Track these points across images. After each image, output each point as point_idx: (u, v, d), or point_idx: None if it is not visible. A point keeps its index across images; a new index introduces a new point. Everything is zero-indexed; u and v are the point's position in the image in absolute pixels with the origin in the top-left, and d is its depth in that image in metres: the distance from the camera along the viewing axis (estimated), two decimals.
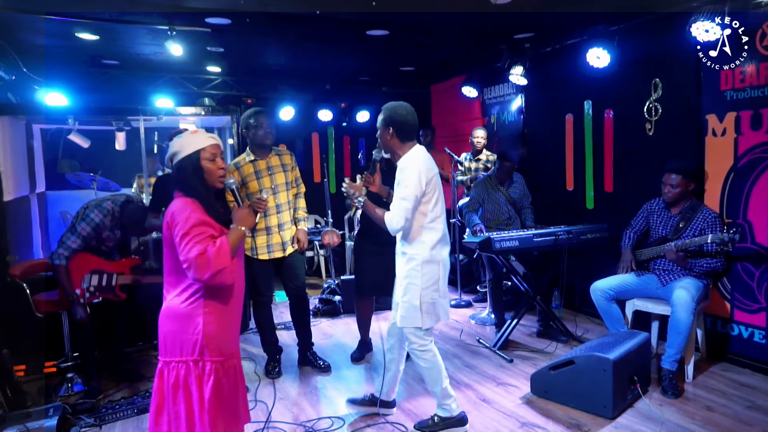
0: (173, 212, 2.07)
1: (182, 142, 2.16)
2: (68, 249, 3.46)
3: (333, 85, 7.08)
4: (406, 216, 2.75)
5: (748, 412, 3.14)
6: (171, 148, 2.18)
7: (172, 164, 2.20)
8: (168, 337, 2.12)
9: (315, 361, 4.02)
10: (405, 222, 2.76)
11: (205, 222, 2.07)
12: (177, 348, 2.10)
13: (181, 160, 2.14)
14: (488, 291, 4.82)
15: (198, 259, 1.98)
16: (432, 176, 2.82)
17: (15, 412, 3.10)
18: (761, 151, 3.55)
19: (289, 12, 3.92)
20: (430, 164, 2.85)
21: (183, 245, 2.00)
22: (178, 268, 2.08)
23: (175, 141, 2.17)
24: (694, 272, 3.60)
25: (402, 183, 2.78)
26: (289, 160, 3.84)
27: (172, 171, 2.20)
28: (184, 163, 2.14)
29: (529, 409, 3.31)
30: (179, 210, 2.06)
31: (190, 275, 2.02)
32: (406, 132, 2.88)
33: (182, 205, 2.08)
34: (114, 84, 5.94)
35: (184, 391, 2.09)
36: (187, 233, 2.01)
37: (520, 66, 5.17)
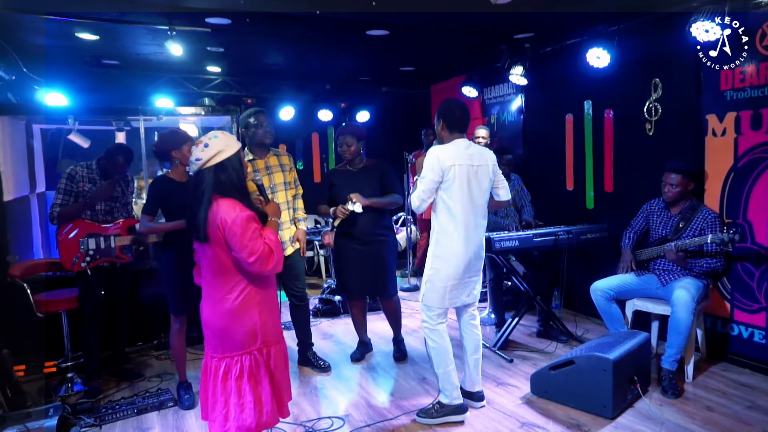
0: (224, 215, 2.13)
1: (224, 141, 2.21)
2: (56, 206, 3.59)
3: (333, 85, 7.08)
4: (421, 196, 3.00)
5: (748, 412, 3.14)
6: (212, 148, 2.18)
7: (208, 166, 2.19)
8: (225, 333, 2.22)
9: (315, 361, 4.02)
10: (421, 202, 3.01)
11: (255, 218, 2.20)
12: (237, 342, 2.22)
13: (226, 160, 2.20)
14: (488, 291, 4.82)
15: (264, 252, 2.14)
16: (450, 165, 2.96)
17: (15, 412, 3.10)
18: (761, 151, 3.55)
19: (289, 12, 3.92)
20: (456, 155, 2.99)
21: (246, 242, 2.11)
22: (226, 267, 2.19)
23: (215, 141, 2.20)
24: (694, 272, 3.60)
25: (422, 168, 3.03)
26: (287, 160, 3.85)
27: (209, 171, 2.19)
28: (229, 162, 2.21)
29: (529, 409, 3.31)
30: (230, 210, 2.14)
31: (255, 268, 2.14)
32: (451, 123, 3.10)
33: (230, 206, 2.16)
34: (114, 84, 5.94)
35: (250, 380, 2.22)
36: (245, 231, 2.12)
37: (520, 66, 5.17)
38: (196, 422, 3.27)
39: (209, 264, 2.23)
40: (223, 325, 2.22)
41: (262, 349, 2.27)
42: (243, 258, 2.13)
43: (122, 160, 3.76)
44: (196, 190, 2.21)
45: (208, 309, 2.26)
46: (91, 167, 3.74)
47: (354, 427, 3.16)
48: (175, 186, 3.33)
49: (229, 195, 2.20)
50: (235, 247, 2.13)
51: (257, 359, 2.25)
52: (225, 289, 2.22)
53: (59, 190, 3.62)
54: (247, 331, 2.23)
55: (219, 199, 2.17)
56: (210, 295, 2.27)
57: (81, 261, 3.59)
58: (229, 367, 2.23)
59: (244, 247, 2.12)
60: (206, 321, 2.27)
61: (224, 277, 2.22)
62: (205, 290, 2.30)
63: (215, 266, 2.22)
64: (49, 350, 3.98)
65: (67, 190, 3.63)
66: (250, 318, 2.23)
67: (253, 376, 2.24)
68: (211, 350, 2.29)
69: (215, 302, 2.24)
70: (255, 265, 2.14)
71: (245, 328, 2.23)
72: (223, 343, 2.24)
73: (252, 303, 2.24)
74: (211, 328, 2.25)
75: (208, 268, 2.25)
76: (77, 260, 3.59)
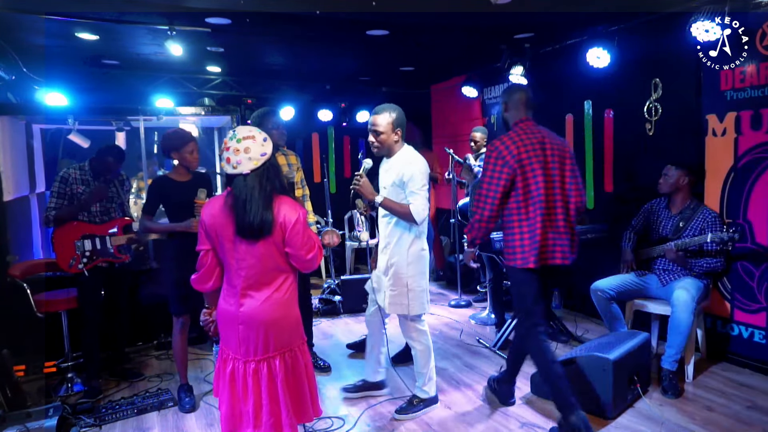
0: (288, 214, 2.16)
1: (270, 143, 2.20)
2: (50, 210, 3.60)
3: (333, 85, 7.07)
4: (427, 205, 3.02)
5: (748, 412, 3.14)
6: (269, 142, 2.18)
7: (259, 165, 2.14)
8: (277, 326, 2.21)
9: (315, 361, 4.02)
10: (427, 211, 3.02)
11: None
12: (286, 336, 2.24)
13: (272, 159, 2.20)
14: (488, 291, 4.82)
15: (319, 252, 2.24)
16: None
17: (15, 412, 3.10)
18: (761, 151, 3.55)
19: (289, 12, 3.92)
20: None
21: (306, 240, 2.19)
22: (279, 264, 2.21)
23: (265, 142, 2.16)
24: (694, 272, 3.60)
25: (413, 177, 2.98)
26: (295, 160, 3.86)
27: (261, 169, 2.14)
28: (275, 163, 2.23)
29: (529, 409, 3.31)
30: (292, 210, 2.18)
31: (311, 265, 2.23)
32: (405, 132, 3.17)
33: (292, 205, 2.20)
34: (114, 84, 5.93)
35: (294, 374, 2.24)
36: (306, 229, 2.20)
37: (520, 66, 5.17)
38: (196, 422, 3.27)
39: (257, 262, 2.18)
40: (277, 316, 2.21)
41: (301, 345, 2.31)
42: (302, 255, 2.19)
43: (112, 161, 3.76)
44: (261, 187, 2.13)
45: (255, 308, 2.19)
46: (84, 168, 3.75)
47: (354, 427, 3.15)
48: (174, 186, 3.33)
49: (286, 193, 2.25)
50: (297, 245, 2.17)
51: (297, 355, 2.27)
52: (275, 285, 2.22)
53: (52, 194, 3.63)
54: (293, 324, 2.27)
55: (281, 198, 2.20)
56: (256, 295, 2.20)
57: (78, 262, 3.59)
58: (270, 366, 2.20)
59: (304, 245, 2.18)
60: (250, 320, 2.18)
61: (273, 273, 2.22)
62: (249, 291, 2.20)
63: (267, 264, 2.19)
64: (49, 350, 3.98)
65: (60, 193, 3.63)
66: (295, 311, 2.29)
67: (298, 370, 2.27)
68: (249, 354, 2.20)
69: (264, 299, 2.19)
70: (312, 262, 2.23)
71: (292, 321, 2.27)
72: (267, 342, 2.19)
73: (294, 298, 2.30)
74: (258, 325, 2.18)
75: (254, 267, 2.18)
76: (74, 262, 3.59)
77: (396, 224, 3.05)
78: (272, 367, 2.20)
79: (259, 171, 2.13)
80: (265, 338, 2.19)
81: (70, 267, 3.60)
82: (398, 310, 3.11)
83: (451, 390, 3.60)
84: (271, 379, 2.20)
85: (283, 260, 2.21)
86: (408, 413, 3.21)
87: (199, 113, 5.45)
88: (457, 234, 5.56)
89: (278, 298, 2.21)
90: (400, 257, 3.06)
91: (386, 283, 3.12)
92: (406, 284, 3.07)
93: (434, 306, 5.59)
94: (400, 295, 3.09)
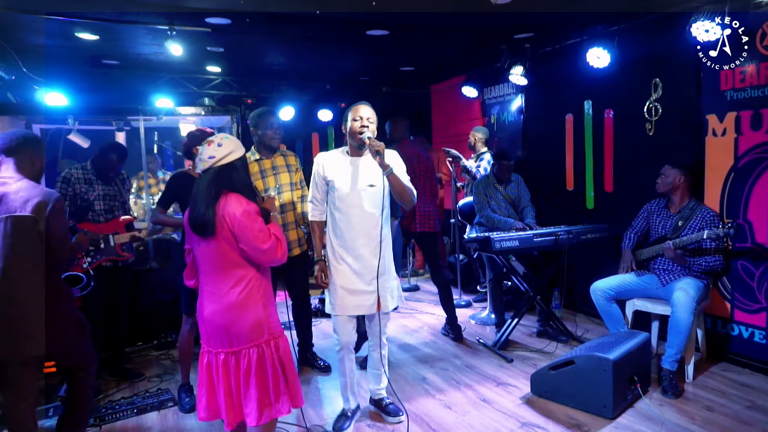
0: (231, 209, 2.23)
1: (235, 143, 2.34)
2: None
3: (333, 85, 7.08)
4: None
5: (748, 412, 3.14)
6: (225, 147, 2.30)
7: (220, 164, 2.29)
8: (231, 328, 2.27)
9: (315, 361, 4.03)
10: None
11: (260, 212, 2.32)
12: (245, 336, 2.28)
13: (237, 160, 2.32)
14: (488, 291, 4.82)
15: (276, 243, 2.28)
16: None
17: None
18: (761, 151, 3.55)
19: (289, 12, 3.92)
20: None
21: (258, 234, 2.23)
22: (231, 261, 2.27)
23: (227, 142, 2.32)
24: (694, 272, 3.60)
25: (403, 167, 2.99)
26: (294, 161, 3.85)
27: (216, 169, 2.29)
28: (240, 162, 2.34)
29: (529, 409, 3.31)
30: (236, 204, 2.25)
31: (267, 257, 2.27)
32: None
33: (237, 200, 2.27)
34: (114, 84, 5.94)
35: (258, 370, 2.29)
36: (254, 222, 2.24)
37: (520, 66, 5.16)
38: (196, 422, 3.26)
39: (212, 260, 2.29)
40: (228, 319, 2.26)
41: (270, 341, 2.33)
42: (256, 247, 2.23)
43: (115, 158, 3.77)
44: (207, 186, 2.27)
45: (211, 305, 2.30)
46: (86, 168, 3.75)
47: (354, 427, 3.16)
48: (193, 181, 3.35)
49: (242, 191, 2.31)
50: (246, 238, 2.22)
51: (264, 352, 2.30)
52: (229, 283, 2.28)
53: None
54: (252, 324, 2.28)
55: (230, 196, 2.27)
56: (212, 292, 2.31)
57: (83, 262, 3.59)
58: (227, 361, 2.29)
59: (255, 237, 2.22)
60: (209, 318, 2.30)
61: (228, 271, 2.28)
62: (207, 288, 2.33)
63: (219, 262, 2.27)
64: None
65: (64, 194, 3.62)
66: (255, 311, 2.29)
67: (261, 368, 2.29)
68: (217, 346, 2.32)
69: (219, 298, 2.28)
70: (267, 254, 2.26)
71: (251, 321, 2.28)
72: (230, 339, 2.29)
73: (256, 296, 2.31)
74: (216, 324, 2.28)
75: (210, 264, 2.30)
76: (78, 261, 3.59)
77: (385, 221, 2.94)
78: (239, 359, 2.29)
79: (211, 171, 2.28)
80: (226, 334, 2.29)
81: (75, 266, 3.60)
82: (398, 302, 3.11)
83: (451, 390, 3.60)
84: (237, 371, 2.29)
85: (236, 258, 2.27)
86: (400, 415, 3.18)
87: (199, 113, 5.45)
88: (457, 234, 5.56)
89: (231, 300, 2.27)
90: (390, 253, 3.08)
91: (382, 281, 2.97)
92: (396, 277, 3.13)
93: (434, 306, 5.58)
94: (398, 287, 3.11)
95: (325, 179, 2.98)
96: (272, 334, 2.36)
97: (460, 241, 5.47)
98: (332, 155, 3.02)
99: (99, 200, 3.73)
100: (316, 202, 3.06)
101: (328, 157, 3.01)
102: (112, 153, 3.77)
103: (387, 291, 3.01)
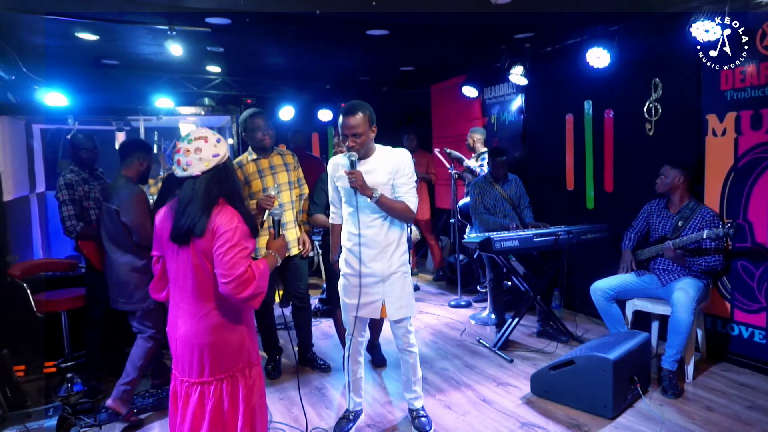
0: (222, 222, 1.96)
1: (224, 144, 2.07)
2: (69, 218, 3.60)
3: (333, 85, 7.08)
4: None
5: (748, 412, 3.14)
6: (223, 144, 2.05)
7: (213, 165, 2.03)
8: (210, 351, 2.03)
9: (315, 362, 4.02)
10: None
11: (249, 236, 2.03)
12: (222, 362, 2.05)
13: (227, 162, 2.06)
14: (488, 291, 4.82)
15: (244, 275, 1.93)
16: None
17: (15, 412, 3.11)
18: (761, 151, 3.55)
19: (289, 12, 3.92)
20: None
21: (230, 256, 1.93)
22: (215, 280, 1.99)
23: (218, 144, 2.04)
24: (694, 272, 3.60)
25: (410, 167, 2.85)
26: (292, 159, 3.84)
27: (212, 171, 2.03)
28: (230, 167, 2.07)
29: (529, 409, 3.31)
30: (229, 220, 1.97)
31: (227, 289, 1.93)
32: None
33: (232, 215, 2.00)
34: (114, 84, 5.94)
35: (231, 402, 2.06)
36: (235, 245, 1.94)
37: (520, 66, 5.17)
38: None
39: (190, 275, 2.02)
40: (208, 341, 2.02)
41: (245, 370, 2.09)
42: (220, 272, 1.94)
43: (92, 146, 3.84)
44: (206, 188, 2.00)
45: (189, 325, 2.04)
46: (74, 170, 3.75)
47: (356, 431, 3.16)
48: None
49: (235, 203, 2.06)
50: (217, 258, 1.94)
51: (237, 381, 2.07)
52: (213, 301, 2.03)
53: (65, 202, 3.60)
54: (234, 348, 2.06)
55: (224, 205, 2.03)
56: (190, 311, 2.04)
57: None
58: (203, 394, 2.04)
59: (225, 262, 1.92)
60: (185, 338, 2.04)
61: (212, 288, 2.02)
62: (182, 305, 2.07)
63: (200, 277, 2.01)
64: (49, 350, 3.97)
65: (72, 199, 3.62)
66: (239, 333, 2.07)
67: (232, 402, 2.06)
68: (184, 374, 2.07)
69: (199, 318, 2.03)
70: (228, 286, 1.92)
71: (233, 344, 2.06)
72: (202, 364, 2.03)
73: (240, 317, 2.09)
74: (192, 345, 2.02)
75: (187, 279, 2.03)
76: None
77: (392, 225, 2.85)
78: (204, 393, 2.03)
79: (210, 173, 2.01)
80: (199, 360, 2.03)
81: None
82: (406, 312, 2.93)
83: (451, 390, 3.60)
84: (200, 406, 2.03)
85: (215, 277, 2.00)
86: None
87: (199, 113, 5.45)
88: (457, 234, 5.56)
89: (215, 318, 2.03)
90: (405, 257, 2.93)
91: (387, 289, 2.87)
92: (410, 284, 2.96)
93: (434, 306, 5.59)
94: (409, 295, 2.93)
95: (335, 184, 2.94)
96: (250, 362, 2.11)
97: (460, 241, 5.47)
98: (338, 158, 2.93)
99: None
100: (335, 206, 3.03)
101: (337, 161, 2.93)
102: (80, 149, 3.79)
103: (395, 299, 2.87)
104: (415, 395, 3.10)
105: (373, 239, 2.83)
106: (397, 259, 2.88)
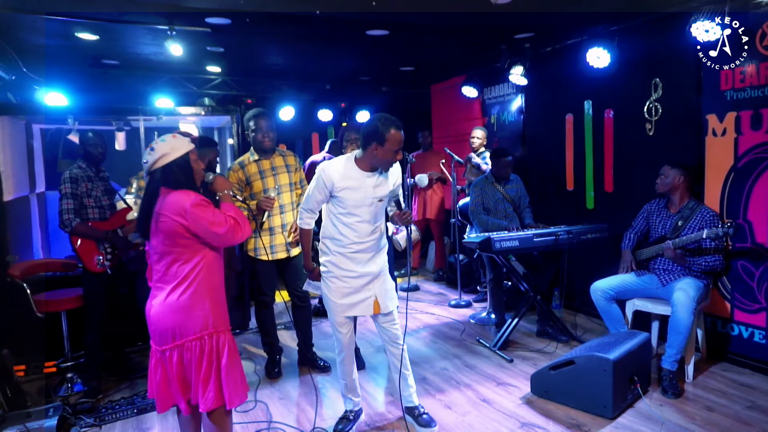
0: (181, 203, 2.22)
1: (170, 145, 2.32)
2: (67, 212, 3.57)
3: (333, 85, 7.08)
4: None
5: (748, 412, 3.14)
6: (157, 152, 2.30)
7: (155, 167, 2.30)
8: (177, 327, 2.27)
9: (315, 361, 4.02)
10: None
11: (204, 200, 2.30)
12: (190, 331, 2.28)
13: (171, 162, 2.31)
14: (488, 291, 4.82)
15: (234, 225, 2.31)
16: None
17: (15, 412, 3.11)
18: (761, 151, 3.55)
19: (289, 12, 3.92)
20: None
21: (212, 219, 2.25)
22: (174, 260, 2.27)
23: (161, 145, 2.31)
24: (694, 272, 3.60)
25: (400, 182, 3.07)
26: (293, 161, 3.85)
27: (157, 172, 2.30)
28: (175, 164, 2.31)
29: (529, 409, 3.31)
30: (184, 197, 2.24)
31: (228, 239, 2.30)
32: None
33: (183, 194, 2.26)
34: (114, 84, 5.93)
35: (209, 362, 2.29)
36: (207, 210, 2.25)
37: (520, 66, 5.17)
38: None
39: (159, 257, 2.31)
40: (175, 321, 2.27)
41: (213, 335, 2.32)
42: (213, 233, 2.25)
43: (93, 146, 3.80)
44: (146, 188, 2.34)
45: (158, 306, 2.30)
46: (82, 166, 3.75)
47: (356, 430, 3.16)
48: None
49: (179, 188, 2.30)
50: (202, 226, 2.23)
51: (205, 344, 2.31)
52: (172, 283, 2.29)
53: (66, 195, 3.57)
54: (199, 320, 2.29)
55: (169, 192, 2.28)
56: (157, 293, 2.33)
57: (104, 260, 3.63)
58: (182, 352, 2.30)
59: (211, 224, 2.24)
60: (155, 319, 2.30)
61: (171, 270, 2.29)
62: (155, 286, 2.36)
63: (163, 260, 2.30)
64: (49, 350, 3.97)
65: (73, 193, 3.60)
66: (201, 308, 2.30)
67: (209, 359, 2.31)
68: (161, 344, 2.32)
69: (164, 298, 2.29)
70: (226, 238, 2.29)
71: (197, 318, 2.29)
72: (175, 335, 2.29)
73: (202, 293, 2.31)
74: (163, 324, 2.28)
75: (156, 263, 2.33)
76: (101, 260, 3.62)
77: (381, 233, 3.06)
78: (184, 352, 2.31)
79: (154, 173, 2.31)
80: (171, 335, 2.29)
81: (99, 267, 3.63)
82: (395, 303, 3.09)
83: (451, 390, 3.61)
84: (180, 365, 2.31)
85: (181, 253, 2.27)
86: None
87: (199, 113, 5.45)
88: (457, 234, 5.56)
89: (176, 301, 2.27)
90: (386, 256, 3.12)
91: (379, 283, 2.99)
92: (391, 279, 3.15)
93: (434, 306, 5.59)
94: (393, 288, 3.11)
95: (332, 191, 2.83)
96: (216, 328, 2.33)
97: (460, 241, 5.47)
98: (341, 167, 2.85)
99: (103, 196, 3.76)
100: (312, 212, 2.99)
101: (337, 168, 2.84)
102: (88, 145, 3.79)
103: (385, 292, 3.02)
104: (412, 389, 3.15)
105: (375, 244, 2.99)
106: (385, 257, 3.08)
